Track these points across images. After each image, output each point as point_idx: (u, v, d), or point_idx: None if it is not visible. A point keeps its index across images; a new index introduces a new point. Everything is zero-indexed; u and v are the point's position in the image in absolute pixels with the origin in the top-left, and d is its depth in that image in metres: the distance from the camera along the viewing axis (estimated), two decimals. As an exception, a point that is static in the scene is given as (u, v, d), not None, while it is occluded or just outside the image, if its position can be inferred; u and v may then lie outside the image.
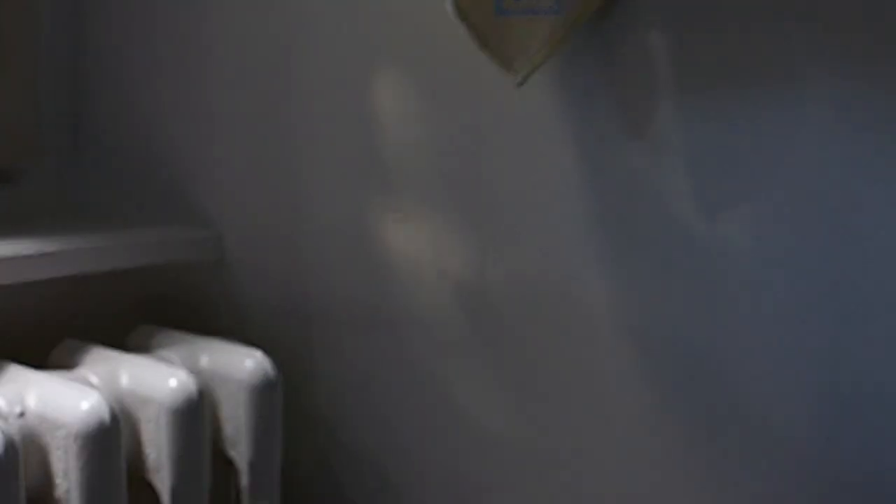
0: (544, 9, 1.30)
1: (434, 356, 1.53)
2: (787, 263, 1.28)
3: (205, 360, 1.51)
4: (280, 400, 1.51)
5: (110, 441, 1.34)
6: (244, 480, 1.51)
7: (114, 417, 1.34)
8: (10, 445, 1.27)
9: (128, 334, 1.58)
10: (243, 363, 1.50)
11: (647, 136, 1.34)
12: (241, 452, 1.50)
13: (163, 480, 1.42)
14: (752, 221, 1.29)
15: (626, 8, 1.33)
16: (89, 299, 1.64)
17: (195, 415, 1.42)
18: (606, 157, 1.37)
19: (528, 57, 1.31)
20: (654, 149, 1.34)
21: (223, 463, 1.51)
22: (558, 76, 1.37)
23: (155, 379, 1.43)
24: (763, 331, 1.30)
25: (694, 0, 1.29)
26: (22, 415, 1.35)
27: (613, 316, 1.39)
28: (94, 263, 1.55)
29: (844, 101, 1.23)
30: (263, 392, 1.49)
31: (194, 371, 1.48)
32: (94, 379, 1.44)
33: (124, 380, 1.44)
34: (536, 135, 1.41)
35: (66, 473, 1.33)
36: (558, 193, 1.40)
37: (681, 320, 1.35)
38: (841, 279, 1.26)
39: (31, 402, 1.36)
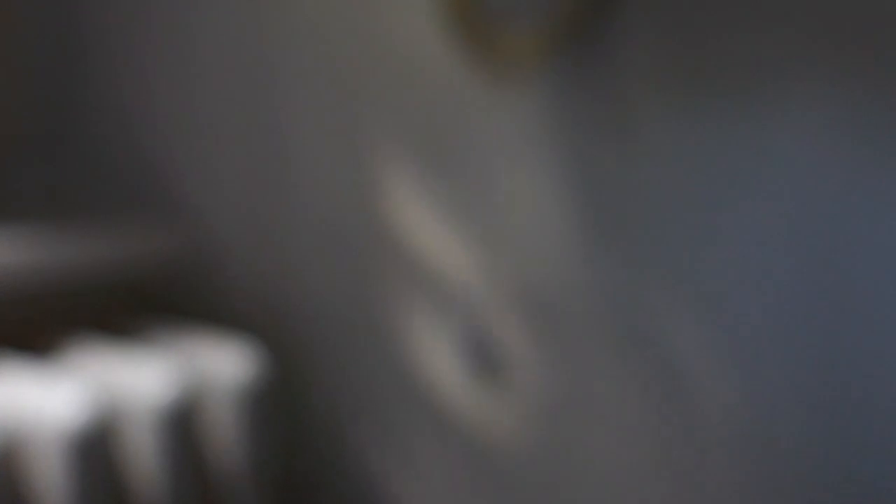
0: (529, 17, 1.32)
1: (429, 358, 1.53)
2: (776, 265, 1.29)
3: (196, 361, 1.51)
4: (273, 403, 1.52)
5: (95, 444, 1.35)
6: (237, 484, 1.51)
7: (99, 421, 1.35)
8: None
9: (115, 334, 1.58)
10: (235, 365, 1.50)
11: (634, 141, 1.35)
12: (232, 457, 1.50)
13: (151, 484, 1.43)
14: (741, 224, 1.30)
15: (612, 14, 1.33)
16: (78, 298, 1.64)
17: (185, 417, 1.43)
18: (593, 163, 1.37)
19: (513, 64, 1.33)
20: (642, 153, 1.34)
21: (214, 466, 1.51)
22: (544, 84, 1.38)
23: (144, 380, 1.43)
24: (752, 333, 1.31)
25: (680, 7, 1.30)
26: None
27: (601, 316, 1.39)
28: (83, 261, 1.56)
29: (835, 105, 1.23)
30: (256, 395, 1.50)
31: (185, 372, 1.48)
32: (78, 380, 1.44)
33: (112, 381, 1.44)
34: (522, 141, 1.41)
35: (49, 478, 1.34)
36: (545, 197, 1.41)
37: (669, 322, 1.35)
38: (833, 281, 1.26)
39: (14, 404, 1.36)
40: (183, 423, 1.43)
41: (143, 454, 1.42)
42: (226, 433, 1.50)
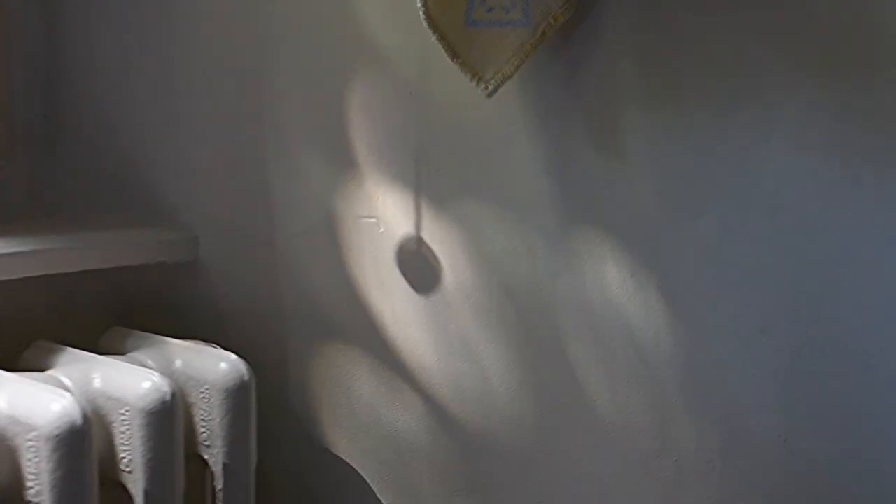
0: (513, 21, 1.32)
1: (408, 358, 1.53)
2: (750, 270, 1.29)
3: (179, 362, 1.51)
4: (254, 401, 1.51)
5: (82, 443, 1.33)
6: (218, 482, 1.50)
7: (85, 419, 1.33)
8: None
9: (101, 336, 1.57)
10: (217, 365, 1.49)
11: (613, 146, 1.34)
12: (214, 454, 1.50)
13: (136, 482, 1.42)
14: (717, 230, 1.30)
15: (593, 21, 1.33)
16: (63, 300, 1.63)
17: (169, 417, 1.42)
18: (573, 166, 1.37)
19: (498, 68, 1.33)
20: (621, 158, 1.34)
21: (197, 465, 1.51)
22: (527, 87, 1.38)
23: (128, 381, 1.42)
24: (731, 339, 1.31)
25: (661, 14, 1.30)
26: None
27: (588, 318, 1.39)
28: (68, 264, 1.55)
29: (807, 114, 1.24)
30: (237, 394, 1.49)
31: (168, 373, 1.48)
32: (66, 381, 1.44)
33: (97, 382, 1.44)
34: (505, 144, 1.41)
35: (38, 475, 1.33)
36: (526, 201, 1.41)
37: (647, 325, 1.35)
38: (809, 286, 1.26)
39: (2, 403, 1.35)
40: (167, 425, 1.42)
41: (129, 456, 1.42)
42: (208, 435, 1.50)
